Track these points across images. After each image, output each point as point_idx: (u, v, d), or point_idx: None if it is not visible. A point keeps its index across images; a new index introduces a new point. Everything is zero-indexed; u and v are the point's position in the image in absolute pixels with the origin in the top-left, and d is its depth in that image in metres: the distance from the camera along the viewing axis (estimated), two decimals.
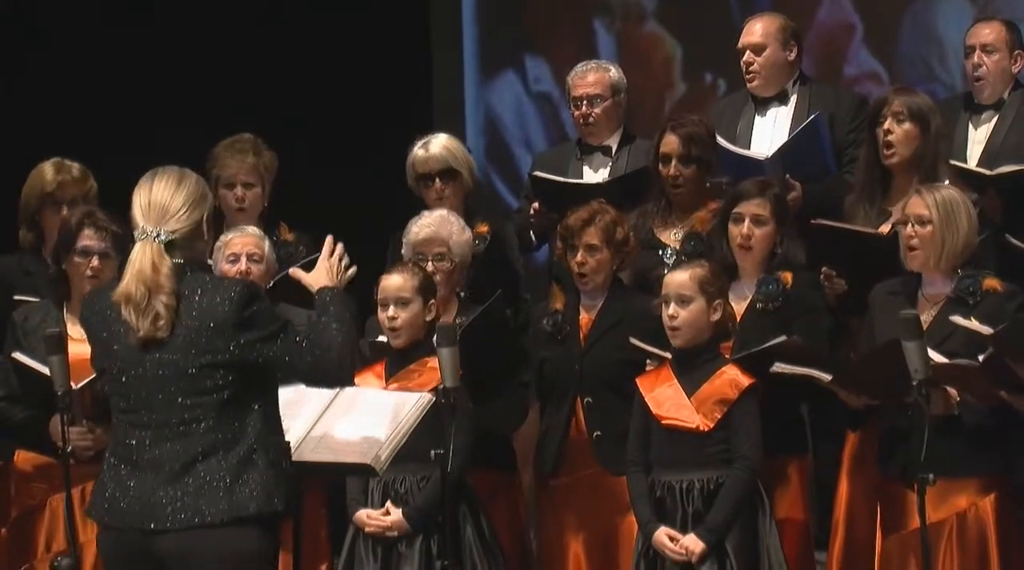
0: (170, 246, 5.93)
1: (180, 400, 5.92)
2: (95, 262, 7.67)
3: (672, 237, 8.23)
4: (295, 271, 6.33)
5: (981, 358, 6.80)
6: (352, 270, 6.30)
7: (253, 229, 8.01)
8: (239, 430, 5.93)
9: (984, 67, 8.50)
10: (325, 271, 6.22)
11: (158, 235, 5.91)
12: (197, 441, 5.90)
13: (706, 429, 7.29)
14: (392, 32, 10.95)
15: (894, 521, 7.32)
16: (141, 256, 5.90)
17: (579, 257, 7.78)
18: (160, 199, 5.96)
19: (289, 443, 6.14)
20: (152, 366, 5.93)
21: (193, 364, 5.90)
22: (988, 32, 8.57)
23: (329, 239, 6.31)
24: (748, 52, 8.58)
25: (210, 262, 7.54)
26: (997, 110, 8.50)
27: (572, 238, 7.79)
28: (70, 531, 7.25)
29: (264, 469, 5.91)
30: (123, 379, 5.97)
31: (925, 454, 6.61)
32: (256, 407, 5.97)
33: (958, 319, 7.01)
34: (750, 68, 8.58)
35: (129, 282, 5.88)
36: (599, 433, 7.76)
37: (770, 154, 8.25)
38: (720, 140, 8.33)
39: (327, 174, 9.82)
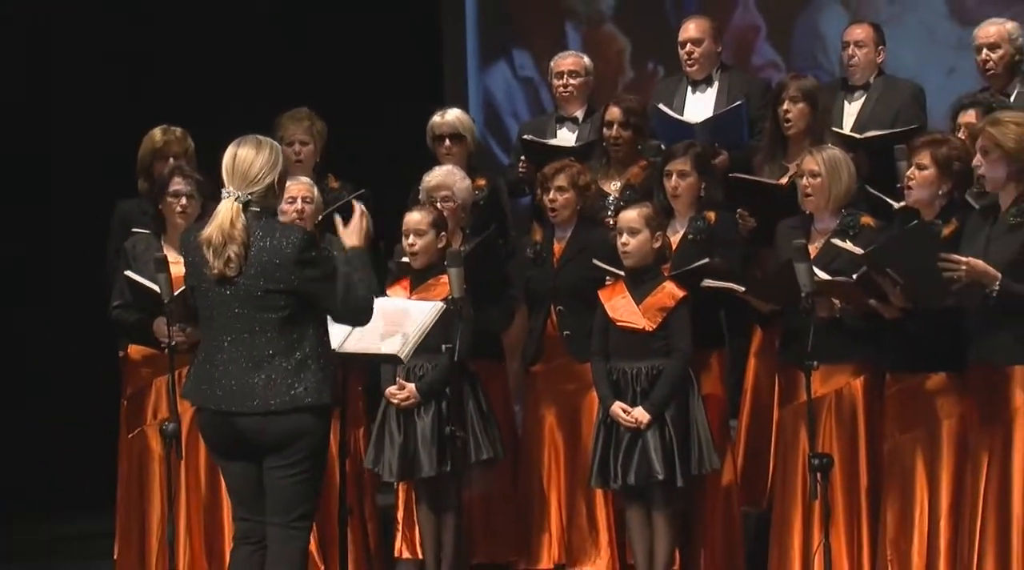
0: (248, 202, 5.94)
1: (251, 314, 5.94)
2: (183, 201, 7.65)
3: (612, 187, 8.21)
4: (338, 220, 6.30)
5: (855, 276, 6.79)
6: (369, 223, 6.27)
7: (305, 178, 7.95)
8: (296, 341, 5.95)
9: (856, 58, 8.47)
10: (355, 231, 6.16)
11: (239, 197, 5.92)
12: (264, 346, 5.94)
13: (650, 329, 7.33)
14: (411, 32, 10.97)
15: (788, 396, 7.32)
16: (225, 212, 5.92)
17: (551, 195, 7.79)
18: (242, 166, 5.96)
19: (334, 350, 6.18)
20: (231, 291, 5.95)
21: (261, 288, 5.92)
22: (859, 31, 8.54)
23: (358, 208, 6.26)
24: (689, 44, 8.53)
25: None
26: (865, 90, 8.46)
27: (547, 182, 7.81)
28: (173, 404, 7.25)
29: (316, 372, 5.95)
30: (208, 295, 6.00)
31: (812, 346, 6.64)
32: (310, 324, 5.99)
33: (837, 241, 7.02)
34: (692, 57, 8.53)
35: (213, 229, 5.91)
36: (568, 332, 7.78)
37: (700, 121, 8.22)
38: (663, 107, 8.33)
39: (365, 137, 9.82)
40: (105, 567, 8.06)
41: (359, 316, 6.07)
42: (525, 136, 8.55)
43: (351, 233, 6.16)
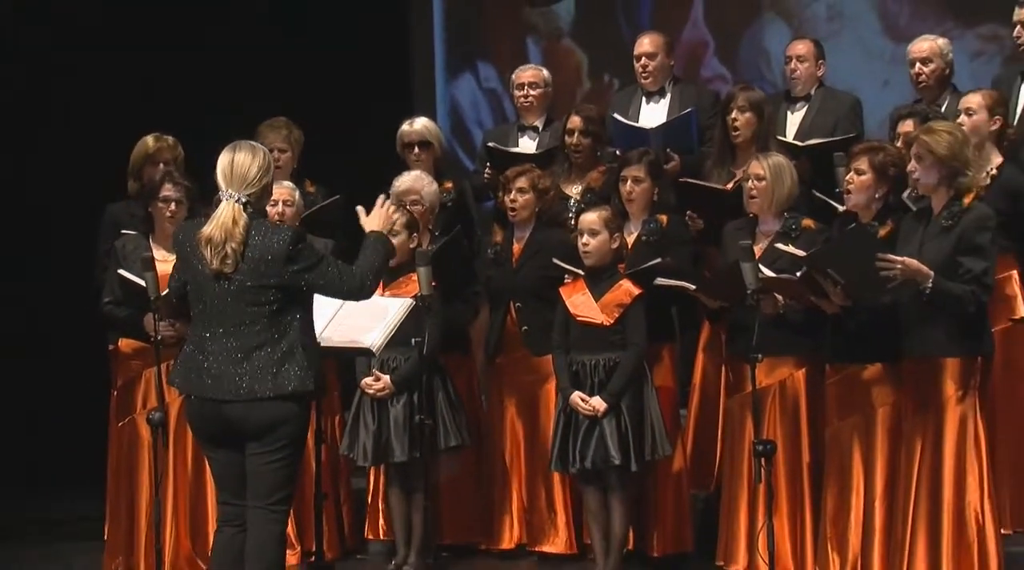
0: (246, 204, 5.95)
1: (242, 308, 5.95)
2: (172, 206, 7.63)
3: (573, 191, 8.21)
4: (360, 210, 6.29)
5: (798, 274, 6.82)
6: (400, 217, 6.31)
7: (287, 182, 7.98)
8: (283, 332, 5.96)
9: (798, 71, 8.50)
10: (377, 217, 6.22)
11: (239, 199, 5.93)
12: (252, 338, 5.94)
13: (608, 324, 7.34)
14: (384, 47, 10.99)
15: (735, 386, 7.37)
16: (226, 213, 5.93)
17: (512, 196, 7.81)
18: (240, 170, 5.97)
19: (319, 341, 6.18)
20: (225, 285, 5.96)
21: (254, 283, 5.93)
22: (801, 47, 8.57)
23: (381, 197, 6.30)
24: (644, 58, 8.53)
25: None
26: (806, 101, 8.48)
27: (508, 184, 7.83)
28: (160, 394, 7.25)
29: (300, 360, 5.96)
30: (202, 289, 6.00)
31: (757, 340, 6.69)
32: (296, 317, 6.00)
33: (781, 245, 7.06)
34: (646, 70, 8.52)
35: (214, 229, 5.92)
36: (526, 327, 7.80)
37: (653, 127, 8.23)
38: (618, 116, 8.32)
39: (339, 145, 9.83)
40: (96, 546, 8.04)
41: (354, 294, 6.07)
42: (489, 144, 8.55)
43: (372, 219, 6.21)
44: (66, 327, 9.42)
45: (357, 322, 6.73)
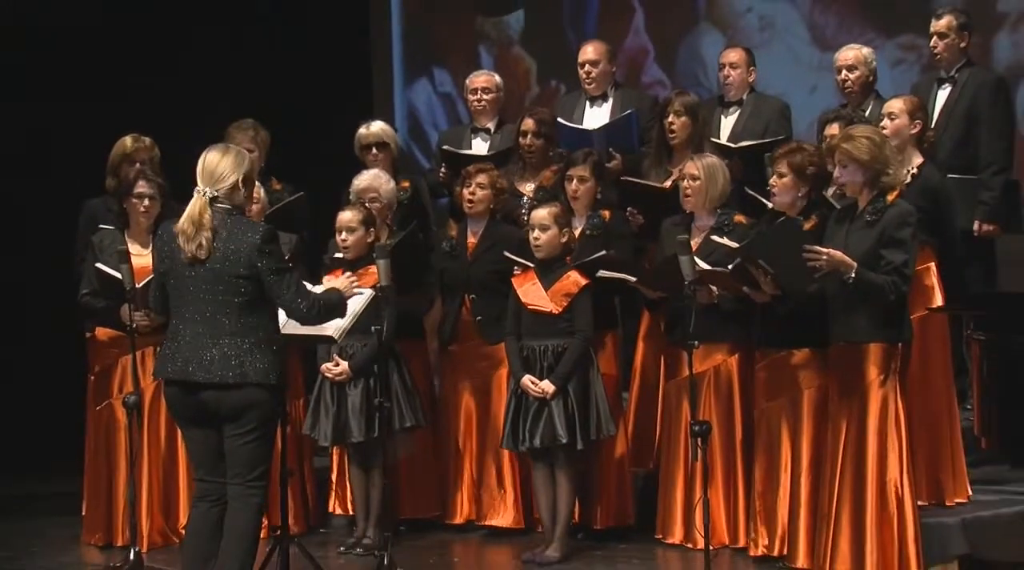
0: (215, 198, 6.02)
1: (215, 295, 6.01)
2: (146, 202, 7.66)
3: (527, 189, 8.22)
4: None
5: (731, 266, 6.86)
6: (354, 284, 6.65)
7: None
8: (252, 324, 6.03)
9: (731, 77, 8.54)
10: (341, 284, 6.47)
11: (206, 193, 6.00)
12: (224, 327, 6.00)
13: (557, 312, 7.38)
14: (345, 54, 11.01)
15: (673, 371, 7.43)
16: (193, 205, 6.01)
17: (471, 189, 7.80)
18: (209, 167, 6.06)
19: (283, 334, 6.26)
20: (200, 273, 6.01)
21: (227, 273, 5.99)
22: (734, 55, 8.61)
23: (348, 274, 6.73)
24: (588, 65, 8.54)
25: None
26: (739, 106, 8.52)
27: (469, 178, 7.82)
28: (135, 379, 7.31)
29: (267, 354, 6.03)
30: (179, 278, 6.05)
31: (693, 328, 6.73)
32: (265, 312, 6.07)
33: (716, 238, 7.12)
34: (590, 76, 8.53)
35: (184, 220, 6.00)
36: (479, 317, 7.83)
37: (596, 127, 8.26)
38: (562, 121, 8.34)
39: (303, 146, 9.84)
40: (74, 522, 8.09)
41: (303, 315, 6.16)
42: (444, 146, 8.55)
43: (338, 282, 6.51)
44: (46, 316, 9.39)
45: None
